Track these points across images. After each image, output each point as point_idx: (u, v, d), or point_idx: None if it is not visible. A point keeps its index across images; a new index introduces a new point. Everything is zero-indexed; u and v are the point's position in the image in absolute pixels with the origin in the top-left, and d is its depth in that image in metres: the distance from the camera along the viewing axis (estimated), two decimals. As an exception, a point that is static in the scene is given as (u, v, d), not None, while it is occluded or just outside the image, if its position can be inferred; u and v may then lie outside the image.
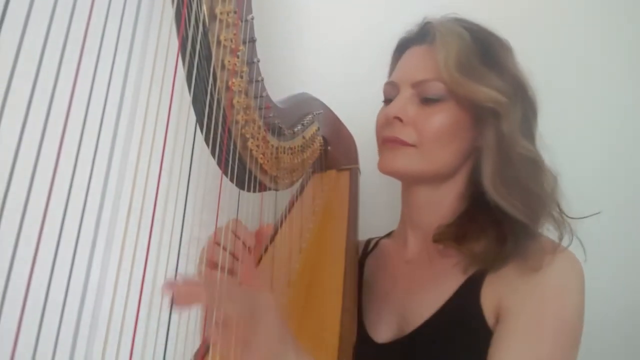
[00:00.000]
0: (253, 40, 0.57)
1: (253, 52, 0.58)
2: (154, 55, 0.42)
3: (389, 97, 0.74)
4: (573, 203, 0.68)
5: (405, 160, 0.69)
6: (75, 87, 0.35)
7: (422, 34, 0.74)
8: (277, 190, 0.72)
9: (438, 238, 0.70)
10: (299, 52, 1.16)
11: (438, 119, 0.68)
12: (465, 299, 0.64)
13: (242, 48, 0.55)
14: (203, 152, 0.54)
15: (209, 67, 0.52)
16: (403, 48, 0.77)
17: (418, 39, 0.74)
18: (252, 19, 0.55)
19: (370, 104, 0.80)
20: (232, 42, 0.53)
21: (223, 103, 0.55)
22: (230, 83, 0.55)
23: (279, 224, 0.79)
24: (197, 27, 0.49)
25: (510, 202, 0.64)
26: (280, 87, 0.74)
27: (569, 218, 0.67)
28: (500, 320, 0.60)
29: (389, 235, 0.87)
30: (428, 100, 0.69)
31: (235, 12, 0.53)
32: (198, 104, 0.52)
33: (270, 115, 0.65)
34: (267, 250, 0.71)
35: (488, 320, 0.61)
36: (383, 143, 0.72)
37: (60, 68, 0.34)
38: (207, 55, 0.52)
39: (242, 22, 0.55)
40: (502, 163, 0.66)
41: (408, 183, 0.76)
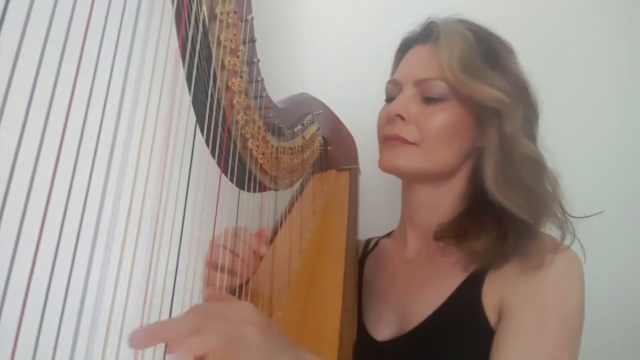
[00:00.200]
0: (253, 41, 0.57)
1: (253, 52, 0.58)
2: (154, 56, 0.42)
3: (391, 95, 0.74)
4: (573, 203, 0.68)
5: (406, 158, 0.69)
6: (75, 87, 0.35)
7: (425, 34, 0.74)
8: (277, 191, 0.72)
9: (439, 235, 0.70)
10: (299, 52, 1.16)
11: (440, 118, 0.68)
12: (466, 297, 0.63)
13: (242, 48, 0.55)
14: (203, 152, 0.54)
15: (209, 67, 0.52)
16: (406, 47, 0.77)
17: (421, 39, 0.74)
18: (252, 19, 0.55)
19: (370, 104, 0.80)
20: (232, 42, 0.53)
21: (223, 103, 0.55)
22: (230, 83, 0.55)
23: (279, 224, 0.79)
24: (197, 27, 0.49)
25: (513, 201, 0.64)
26: (280, 87, 0.74)
27: (572, 217, 0.67)
28: (503, 319, 0.60)
29: (389, 235, 0.87)
30: (430, 99, 0.69)
31: (235, 12, 0.53)
32: (198, 104, 0.52)
33: (270, 116, 0.65)
34: (267, 250, 0.71)
35: (489, 318, 0.61)
36: (384, 141, 0.72)
37: (60, 68, 0.34)
38: (207, 56, 0.52)
39: (242, 22, 0.55)
40: (504, 163, 0.66)
41: (408, 182, 0.76)
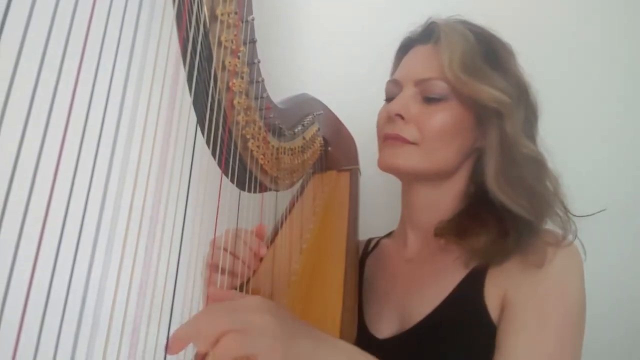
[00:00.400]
0: (254, 41, 0.57)
1: (254, 52, 0.58)
2: (155, 56, 0.42)
3: (392, 95, 0.74)
4: (574, 202, 0.68)
5: (406, 158, 0.69)
6: (77, 87, 0.36)
7: (426, 34, 0.74)
8: (277, 191, 0.72)
9: (439, 232, 0.70)
10: (299, 52, 1.17)
11: (440, 118, 0.68)
12: (467, 293, 0.64)
13: (242, 49, 0.55)
14: (204, 152, 0.54)
15: (210, 68, 0.52)
16: (407, 47, 0.77)
17: (422, 39, 0.75)
18: (252, 20, 0.55)
19: (370, 104, 0.80)
20: (232, 43, 0.53)
21: (224, 104, 0.55)
22: (231, 84, 0.55)
23: (280, 225, 0.79)
24: (198, 28, 0.49)
25: (515, 200, 0.64)
26: (281, 87, 0.74)
27: (574, 216, 0.67)
28: (505, 315, 0.60)
29: (389, 235, 0.87)
30: (431, 99, 0.69)
31: (236, 13, 0.53)
32: (199, 105, 0.52)
33: (271, 116, 0.65)
34: (267, 251, 0.71)
35: (492, 314, 0.61)
36: (384, 140, 0.72)
37: (62, 68, 0.34)
38: (208, 56, 0.52)
39: (242, 23, 0.55)
40: (505, 162, 0.66)
41: (408, 182, 0.76)
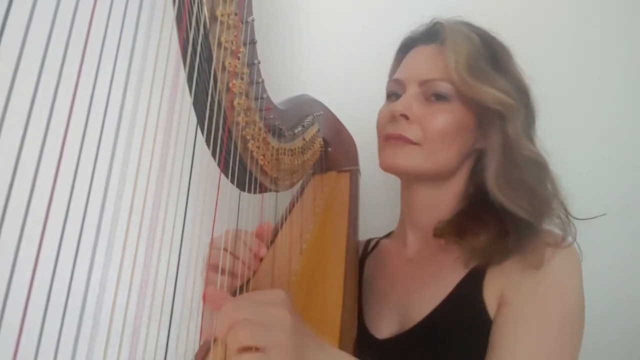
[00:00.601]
0: (254, 42, 0.57)
1: (254, 53, 0.58)
2: (155, 57, 0.42)
3: (393, 94, 0.74)
4: (573, 203, 0.68)
5: (408, 158, 0.69)
6: (77, 88, 0.36)
7: (430, 34, 0.74)
8: (277, 192, 0.72)
9: (439, 232, 0.70)
10: (299, 52, 1.17)
11: (444, 119, 0.68)
12: (467, 293, 0.64)
13: (242, 50, 0.55)
14: (204, 153, 0.54)
15: (210, 68, 0.52)
16: (408, 47, 0.77)
17: (426, 39, 0.74)
18: (252, 21, 0.55)
19: (370, 104, 0.80)
20: (232, 44, 0.53)
21: (224, 105, 0.55)
22: (231, 85, 0.55)
23: (280, 225, 0.79)
24: (198, 29, 0.49)
25: (515, 202, 0.64)
26: (281, 87, 0.74)
27: (575, 219, 0.67)
28: (501, 312, 0.60)
29: (389, 236, 0.88)
30: (434, 100, 0.69)
31: (236, 14, 0.53)
32: (199, 106, 0.52)
33: (271, 117, 0.65)
34: (267, 252, 0.71)
35: (490, 314, 0.61)
36: (386, 139, 0.72)
37: (63, 69, 0.34)
38: (207, 57, 0.52)
39: (242, 23, 0.55)
40: (506, 164, 0.66)
41: (408, 182, 0.76)
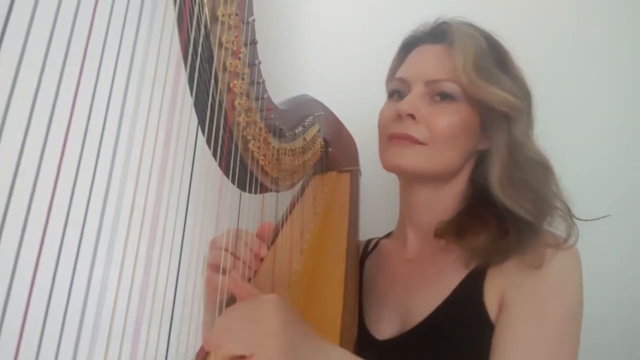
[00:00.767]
0: (254, 42, 0.57)
1: (254, 54, 0.58)
2: (156, 58, 0.42)
3: (397, 93, 0.74)
4: (574, 204, 0.68)
5: (414, 158, 0.68)
6: (79, 88, 0.36)
7: (436, 34, 0.73)
8: (278, 192, 0.72)
9: (440, 233, 0.70)
10: (299, 52, 1.16)
11: (450, 119, 0.68)
12: (468, 293, 0.64)
13: (243, 50, 0.55)
14: (204, 153, 0.54)
15: (211, 69, 0.52)
16: (412, 45, 0.77)
17: (431, 38, 0.74)
18: (253, 21, 0.55)
19: (371, 104, 0.80)
20: (233, 44, 0.53)
21: (224, 105, 0.55)
22: (232, 85, 0.55)
23: (280, 226, 0.79)
24: (198, 29, 0.49)
25: (518, 202, 0.64)
26: (281, 87, 0.74)
27: (578, 220, 0.67)
28: (502, 312, 0.60)
29: (389, 236, 0.87)
30: (439, 100, 0.69)
31: (237, 14, 0.53)
32: (200, 106, 0.52)
33: (272, 117, 0.65)
34: (268, 252, 0.71)
35: (491, 314, 0.61)
36: (390, 139, 0.71)
37: (64, 69, 0.34)
38: (208, 58, 0.52)
39: (243, 24, 0.55)
40: (510, 165, 0.66)
41: (409, 182, 0.76)
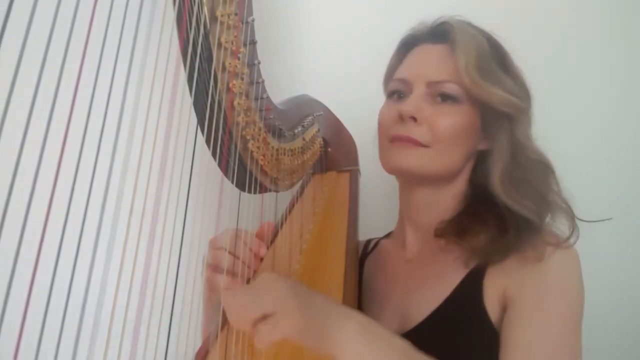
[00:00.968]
0: (254, 42, 0.57)
1: (254, 54, 0.58)
2: (156, 58, 0.42)
3: (398, 93, 0.73)
4: (573, 203, 0.68)
5: (417, 160, 0.68)
6: (78, 88, 0.36)
7: (437, 33, 0.73)
8: (277, 192, 0.72)
9: (439, 233, 0.70)
10: (299, 52, 1.16)
11: (452, 121, 0.67)
12: (467, 293, 0.64)
13: (242, 50, 0.55)
14: (204, 153, 0.54)
15: (210, 69, 0.52)
16: (411, 44, 0.76)
17: (432, 38, 0.73)
18: (252, 21, 0.55)
19: (371, 104, 0.80)
20: (233, 44, 0.53)
21: (224, 105, 0.55)
22: (231, 85, 0.55)
23: (280, 225, 0.79)
24: (198, 29, 0.49)
25: (520, 202, 0.64)
26: (280, 87, 0.74)
27: (580, 221, 0.67)
28: (509, 311, 0.60)
29: (388, 236, 0.87)
30: (440, 100, 0.69)
31: (236, 14, 0.53)
32: (199, 106, 0.52)
33: (271, 117, 0.65)
34: (267, 252, 0.71)
35: (490, 314, 0.61)
36: (393, 141, 0.70)
37: (63, 69, 0.34)
38: (208, 57, 0.52)
39: (242, 24, 0.55)
40: (512, 165, 0.66)
41: (409, 182, 0.75)
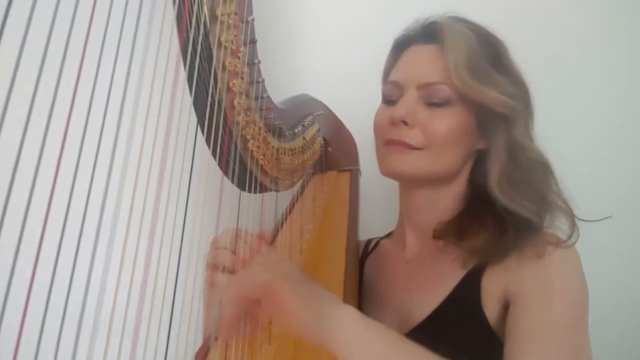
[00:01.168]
0: (254, 42, 0.57)
1: (254, 53, 0.58)
2: (155, 57, 0.42)
3: (391, 97, 0.72)
4: (573, 203, 0.68)
5: (411, 163, 0.68)
6: (77, 87, 0.36)
7: (427, 34, 0.72)
8: (277, 191, 0.72)
9: (438, 234, 0.70)
10: (299, 52, 1.16)
11: (446, 123, 0.67)
12: (466, 293, 0.64)
13: (242, 49, 0.55)
14: (204, 153, 0.54)
15: (210, 68, 0.52)
16: (404, 45, 0.75)
17: (422, 39, 0.72)
18: (252, 20, 0.55)
19: (370, 104, 0.80)
20: (233, 43, 0.53)
21: (224, 104, 0.55)
22: (231, 84, 0.55)
23: (280, 225, 0.79)
24: (198, 28, 0.49)
25: (519, 202, 0.64)
26: (280, 87, 0.74)
27: (580, 220, 0.66)
28: (510, 308, 0.60)
29: (389, 236, 0.87)
30: (435, 104, 0.68)
31: (236, 13, 0.53)
32: (199, 105, 0.52)
33: (271, 117, 0.65)
34: None
35: (487, 314, 0.61)
36: (387, 145, 0.70)
37: (63, 68, 0.34)
38: (208, 57, 0.52)
39: (242, 23, 0.55)
40: (510, 166, 0.66)
41: (408, 185, 0.75)
